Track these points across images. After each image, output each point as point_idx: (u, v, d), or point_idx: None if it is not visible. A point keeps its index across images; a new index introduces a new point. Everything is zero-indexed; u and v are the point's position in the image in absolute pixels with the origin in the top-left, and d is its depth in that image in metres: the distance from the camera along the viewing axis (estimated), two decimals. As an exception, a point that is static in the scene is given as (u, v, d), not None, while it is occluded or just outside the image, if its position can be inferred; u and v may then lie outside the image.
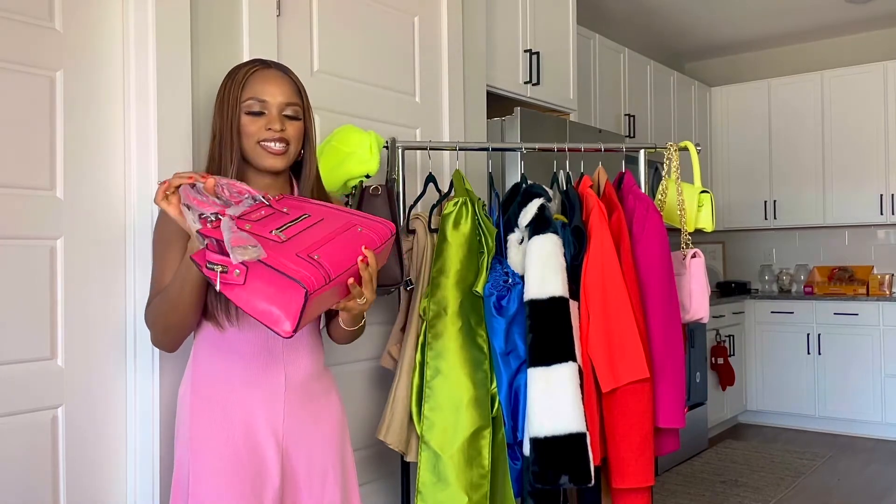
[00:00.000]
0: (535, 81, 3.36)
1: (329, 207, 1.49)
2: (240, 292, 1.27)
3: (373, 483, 2.38)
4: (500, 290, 2.10)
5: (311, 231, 1.39)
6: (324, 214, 1.46)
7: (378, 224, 1.50)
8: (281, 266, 1.26)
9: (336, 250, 1.37)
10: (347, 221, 1.47)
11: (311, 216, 1.43)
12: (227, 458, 1.48)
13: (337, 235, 1.41)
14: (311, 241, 1.36)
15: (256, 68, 1.54)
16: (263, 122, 1.51)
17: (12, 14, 1.64)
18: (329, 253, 1.35)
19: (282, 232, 1.35)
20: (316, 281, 1.28)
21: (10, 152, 1.64)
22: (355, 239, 1.43)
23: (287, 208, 1.43)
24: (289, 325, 1.26)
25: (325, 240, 1.38)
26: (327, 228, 1.42)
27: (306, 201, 1.49)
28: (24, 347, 1.66)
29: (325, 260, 1.33)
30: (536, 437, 2.00)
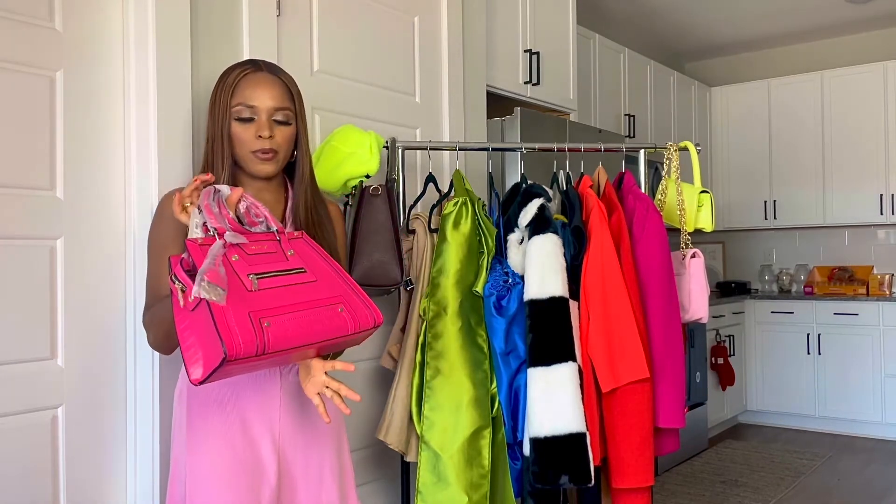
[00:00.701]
0: (535, 81, 3.36)
1: (332, 270, 1.44)
2: (185, 316, 1.27)
3: (373, 483, 2.38)
4: (500, 290, 2.10)
5: (290, 291, 1.35)
6: (320, 276, 1.42)
7: (364, 310, 1.43)
8: (220, 320, 1.24)
9: (296, 325, 1.32)
10: (336, 295, 1.41)
11: (306, 272, 1.40)
12: (224, 458, 1.48)
13: (312, 308, 1.36)
14: (279, 303, 1.32)
15: (247, 72, 1.53)
16: (253, 128, 1.51)
17: (12, 14, 1.64)
18: (285, 325, 1.31)
19: (260, 279, 1.32)
20: (244, 349, 1.25)
21: (10, 152, 1.64)
22: (328, 319, 1.37)
23: (292, 251, 1.41)
24: (198, 374, 1.26)
25: (295, 308, 1.34)
26: (309, 295, 1.37)
27: (317, 253, 1.45)
28: (24, 347, 1.66)
29: (274, 331, 1.29)
30: (536, 437, 2.00)
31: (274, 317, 1.30)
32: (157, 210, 1.53)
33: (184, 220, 1.35)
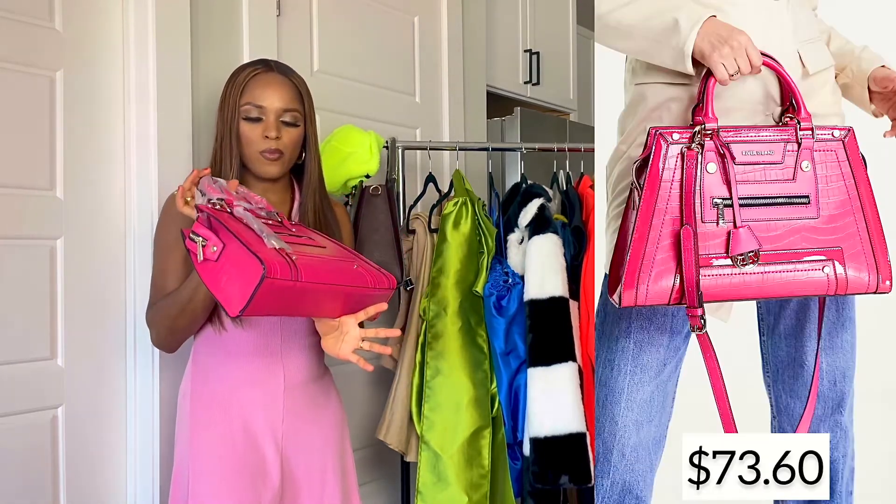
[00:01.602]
0: (535, 81, 3.35)
1: (339, 245, 1.47)
2: (210, 267, 1.26)
3: (373, 483, 2.38)
4: (500, 290, 2.10)
5: (305, 248, 1.37)
6: (328, 245, 1.45)
7: (378, 273, 1.45)
8: (253, 247, 1.24)
9: (318, 265, 1.34)
10: (348, 257, 1.44)
11: (314, 242, 1.42)
12: (227, 458, 1.48)
13: (328, 261, 1.39)
14: (299, 253, 1.33)
15: (258, 71, 1.53)
16: (261, 128, 1.50)
17: (12, 14, 1.64)
18: (309, 264, 1.32)
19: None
20: (280, 270, 1.25)
21: (10, 152, 1.64)
22: (346, 270, 1.40)
23: (296, 230, 1.42)
24: (238, 304, 1.23)
25: (313, 256, 1.36)
26: (323, 253, 1.40)
27: (319, 234, 1.48)
28: (24, 347, 1.66)
29: (303, 264, 1.30)
30: (536, 437, 2.00)
31: (301, 256, 1.32)
32: (164, 210, 1.54)
33: (187, 213, 1.35)
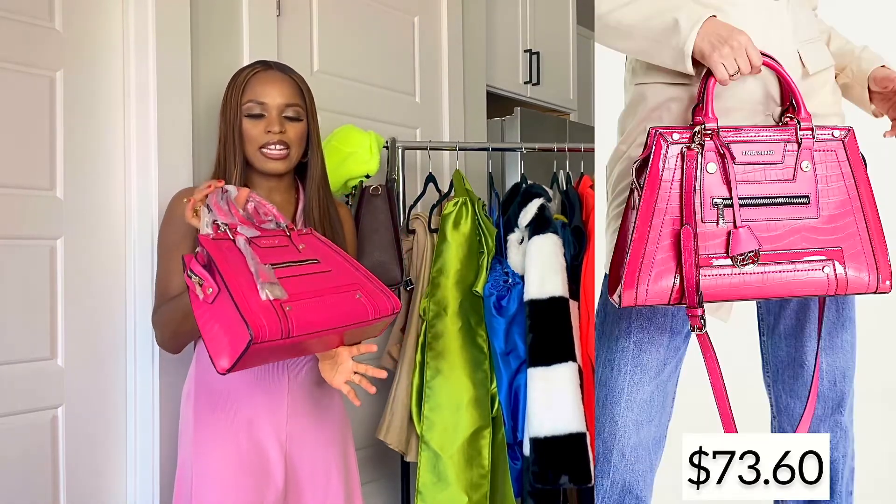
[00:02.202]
0: (535, 81, 3.35)
1: (345, 261, 1.44)
2: (205, 310, 1.27)
3: (373, 483, 2.38)
4: (500, 290, 2.10)
5: (307, 280, 1.35)
6: (334, 266, 1.42)
7: (382, 296, 1.41)
8: (244, 306, 1.23)
9: (317, 310, 1.32)
10: (352, 283, 1.40)
11: (320, 263, 1.40)
12: (231, 459, 1.48)
13: (330, 295, 1.36)
14: (298, 290, 1.32)
15: (257, 70, 1.54)
16: (263, 124, 1.50)
17: (12, 14, 1.64)
18: (307, 310, 1.30)
19: (276, 269, 1.32)
20: (270, 332, 1.24)
21: (10, 152, 1.64)
22: (347, 304, 1.37)
23: (303, 245, 1.40)
24: (225, 363, 1.24)
25: (314, 294, 1.34)
26: (325, 283, 1.37)
27: (328, 246, 1.45)
28: (24, 347, 1.66)
29: (296, 315, 1.28)
30: (536, 437, 2.00)
31: (295, 302, 1.30)
32: (168, 211, 1.53)
33: (194, 224, 1.34)
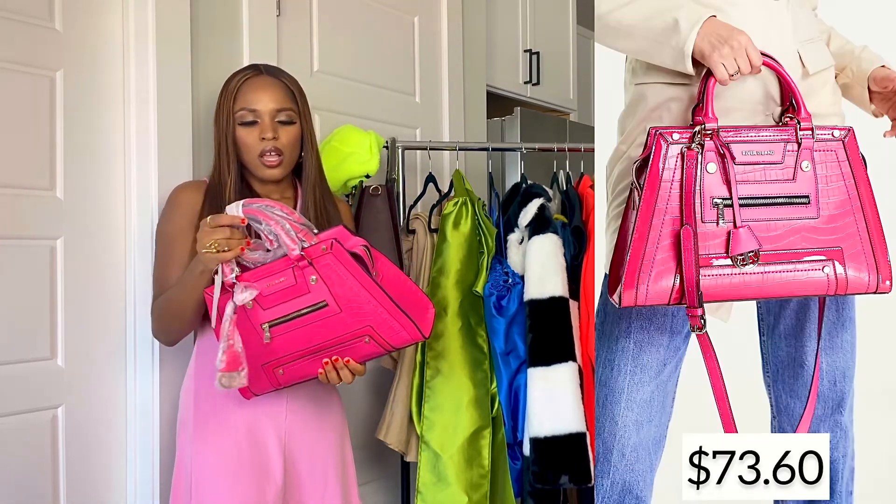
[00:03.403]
0: (535, 81, 3.35)
1: (362, 290, 1.30)
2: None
3: (373, 483, 2.38)
4: (500, 290, 2.10)
5: (308, 331, 1.31)
6: (346, 303, 1.30)
7: (399, 330, 1.31)
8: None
9: (313, 365, 1.35)
10: (362, 327, 1.31)
11: (327, 306, 1.30)
12: (231, 456, 1.48)
13: (332, 347, 1.32)
14: (295, 348, 1.32)
15: (248, 76, 1.55)
16: (257, 131, 1.51)
17: (12, 14, 1.64)
18: (301, 368, 1.35)
19: (273, 328, 1.32)
20: (257, 390, 1.38)
21: (10, 152, 1.64)
22: (351, 351, 1.34)
23: (315, 278, 1.30)
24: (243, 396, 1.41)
25: (312, 350, 1.33)
26: (330, 332, 1.31)
27: (347, 269, 1.30)
28: (24, 347, 1.66)
29: (288, 375, 1.35)
30: (536, 437, 2.00)
31: (288, 364, 1.34)
32: (168, 203, 1.54)
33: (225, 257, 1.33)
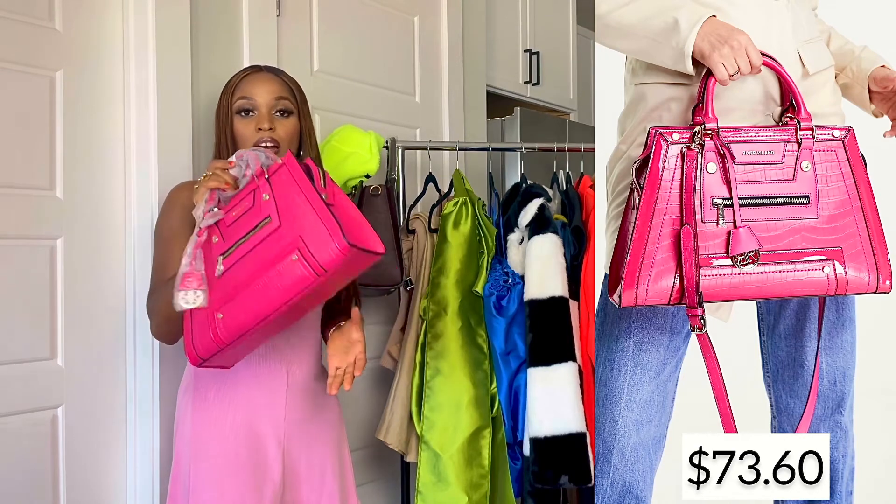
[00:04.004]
0: (535, 81, 3.35)
1: (303, 200, 1.25)
2: None
3: (373, 483, 2.38)
4: (500, 290, 2.10)
5: (250, 258, 1.27)
6: (286, 215, 1.26)
7: (327, 242, 1.20)
8: (186, 326, 1.33)
9: (247, 304, 1.26)
10: (294, 239, 1.23)
11: (270, 221, 1.27)
12: (229, 454, 1.48)
13: (264, 273, 1.24)
14: (236, 282, 1.27)
15: (247, 73, 1.57)
16: (254, 122, 1.51)
17: (12, 14, 1.64)
18: (236, 310, 1.26)
19: (226, 258, 1.29)
20: (204, 350, 1.30)
21: (10, 152, 1.64)
22: (281, 277, 1.23)
23: (267, 196, 1.28)
24: (188, 360, 1.34)
25: (248, 280, 1.26)
26: (266, 253, 1.25)
27: (295, 181, 1.27)
28: (24, 347, 1.66)
29: (225, 323, 1.27)
30: (536, 437, 2.00)
31: (226, 304, 1.27)
32: (167, 200, 1.54)
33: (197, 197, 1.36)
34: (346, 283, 1.37)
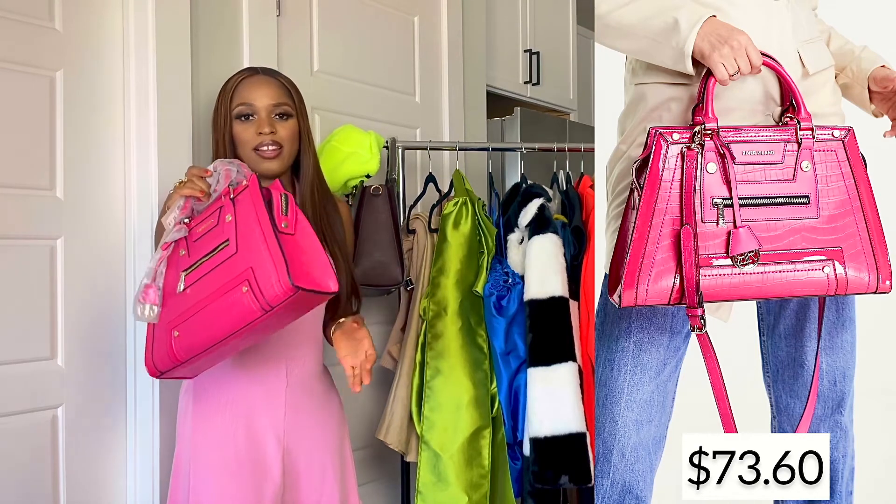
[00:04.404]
0: (535, 81, 3.35)
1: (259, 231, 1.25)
2: None
3: (373, 483, 2.38)
4: (500, 290, 2.10)
5: (208, 279, 1.28)
6: (243, 242, 1.26)
7: (273, 276, 1.19)
8: (149, 338, 1.34)
9: (200, 326, 1.27)
10: (245, 269, 1.22)
11: (228, 244, 1.28)
12: (229, 454, 1.49)
13: (217, 298, 1.25)
14: (194, 301, 1.28)
15: (244, 76, 1.56)
16: (254, 126, 1.51)
17: (12, 14, 1.64)
18: (191, 331, 1.28)
19: (188, 275, 1.29)
20: (162, 364, 1.32)
21: (10, 152, 1.64)
22: (230, 307, 1.23)
23: (230, 217, 1.29)
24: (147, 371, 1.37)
25: (203, 303, 1.27)
26: (222, 278, 1.26)
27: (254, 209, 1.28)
28: (24, 347, 1.66)
29: (180, 342, 1.28)
30: (536, 437, 2.00)
31: (182, 323, 1.29)
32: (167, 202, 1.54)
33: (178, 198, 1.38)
34: (299, 316, 1.35)
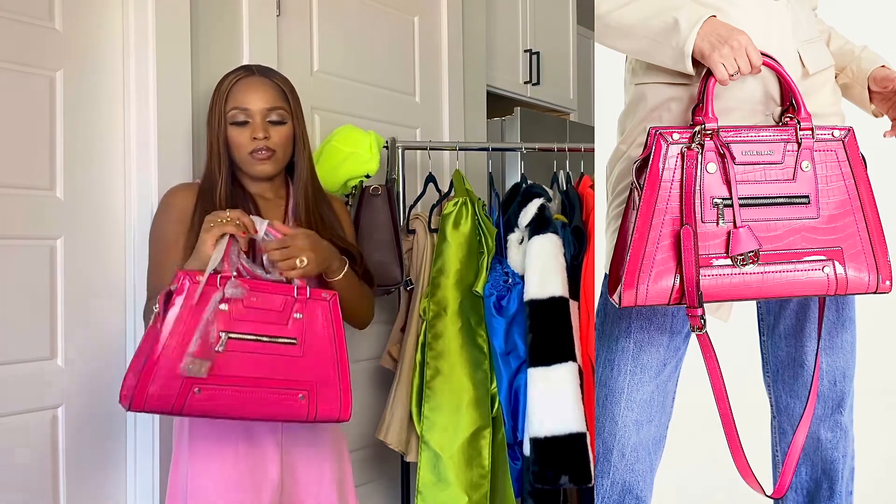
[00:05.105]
0: (535, 81, 3.35)
1: (331, 352, 1.35)
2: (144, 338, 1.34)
3: (373, 483, 2.38)
4: (500, 290, 2.10)
5: (258, 361, 1.28)
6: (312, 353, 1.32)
7: (335, 402, 1.34)
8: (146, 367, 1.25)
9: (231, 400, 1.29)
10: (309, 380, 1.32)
11: (295, 345, 1.32)
12: (227, 460, 1.48)
13: (266, 387, 1.29)
14: (231, 372, 1.27)
15: (239, 77, 1.55)
16: (249, 131, 1.51)
17: (12, 14, 1.64)
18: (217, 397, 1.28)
19: (232, 340, 1.28)
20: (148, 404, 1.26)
21: (10, 152, 1.64)
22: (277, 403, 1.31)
23: (300, 315, 1.33)
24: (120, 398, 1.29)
25: (246, 382, 1.28)
26: (277, 372, 1.30)
27: (331, 328, 1.36)
28: (24, 347, 1.66)
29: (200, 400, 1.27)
30: (536, 437, 2.00)
31: (211, 387, 1.26)
32: (161, 204, 1.55)
33: (209, 253, 1.32)
34: None
